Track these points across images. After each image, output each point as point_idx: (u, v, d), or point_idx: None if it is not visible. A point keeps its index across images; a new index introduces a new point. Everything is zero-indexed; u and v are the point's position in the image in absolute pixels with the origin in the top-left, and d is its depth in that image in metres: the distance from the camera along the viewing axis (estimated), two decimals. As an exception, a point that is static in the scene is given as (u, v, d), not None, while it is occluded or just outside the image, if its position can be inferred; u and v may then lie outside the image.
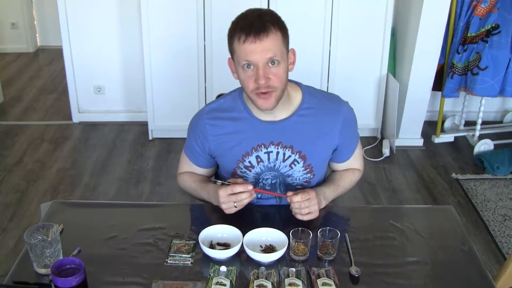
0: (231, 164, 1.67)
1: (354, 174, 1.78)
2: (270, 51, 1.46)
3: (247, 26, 1.46)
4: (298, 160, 1.65)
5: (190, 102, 3.69)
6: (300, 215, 1.56)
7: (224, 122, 1.65)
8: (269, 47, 1.46)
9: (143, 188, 3.23)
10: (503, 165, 3.41)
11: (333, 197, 1.70)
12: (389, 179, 3.38)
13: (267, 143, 1.63)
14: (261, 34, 1.44)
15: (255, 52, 1.45)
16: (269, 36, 1.45)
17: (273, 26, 1.47)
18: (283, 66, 1.51)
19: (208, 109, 1.69)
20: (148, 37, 3.52)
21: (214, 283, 1.31)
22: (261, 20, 1.47)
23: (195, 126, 1.70)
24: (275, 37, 1.47)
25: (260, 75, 1.47)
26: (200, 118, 1.68)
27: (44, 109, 4.36)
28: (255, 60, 1.47)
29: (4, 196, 3.10)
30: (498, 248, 2.70)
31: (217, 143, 1.66)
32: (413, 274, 1.40)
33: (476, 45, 3.39)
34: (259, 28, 1.45)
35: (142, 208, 1.85)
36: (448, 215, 1.69)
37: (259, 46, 1.45)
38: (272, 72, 1.49)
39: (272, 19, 1.49)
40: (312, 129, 1.63)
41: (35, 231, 1.38)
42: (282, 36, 1.49)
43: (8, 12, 5.65)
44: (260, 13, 1.50)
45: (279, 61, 1.49)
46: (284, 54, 1.51)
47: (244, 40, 1.45)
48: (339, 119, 1.65)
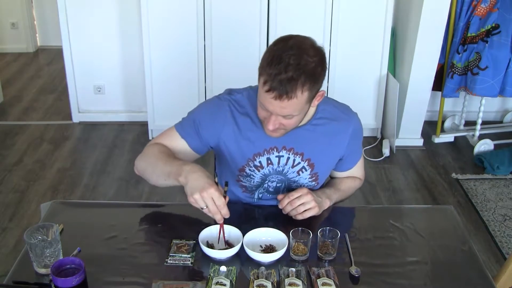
0: (241, 161, 1.64)
1: (354, 181, 1.79)
2: (287, 111, 1.42)
3: (275, 79, 1.36)
4: (306, 168, 1.65)
5: (190, 102, 3.66)
6: (299, 215, 1.55)
7: (243, 117, 1.61)
8: (288, 108, 1.41)
9: (143, 188, 3.23)
10: (503, 165, 3.41)
11: (336, 198, 1.70)
12: (389, 179, 3.38)
13: (279, 147, 1.62)
14: (283, 96, 1.37)
15: (273, 105, 1.41)
16: (292, 100, 1.38)
17: (301, 88, 1.37)
18: (300, 117, 1.49)
19: (230, 99, 1.62)
20: (148, 37, 3.52)
21: (214, 283, 1.31)
22: (290, 81, 1.35)
23: (214, 110, 1.62)
24: (297, 101, 1.39)
25: (270, 121, 1.46)
26: (222, 105, 1.61)
27: (44, 109, 4.36)
28: (271, 110, 1.43)
29: (4, 196, 3.10)
30: (498, 248, 2.70)
31: (232, 135, 1.61)
32: (413, 274, 1.40)
33: (476, 45, 3.39)
34: (284, 91, 1.36)
35: (142, 208, 1.84)
36: (448, 215, 1.69)
37: (279, 104, 1.39)
38: (285, 121, 1.47)
39: (306, 78, 1.37)
40: (323, 139, 1.63)
41: (35, 231, 1.38)
42: (309, 95, 1.41)
43: (8, 12, 5.65)
44: (295, 67, 1.36)
45: (297, 115, 1.46)
46: (305, 108, 1.47)
47: (267, 90, 1.38)
48: (348, 130, 1.65)
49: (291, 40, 1.41)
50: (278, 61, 1.36)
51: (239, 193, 1.73)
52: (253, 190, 1.71)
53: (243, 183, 1.69)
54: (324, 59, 1.43)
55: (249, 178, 1.67)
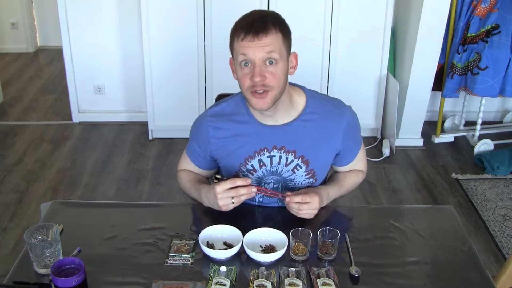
0: (233, 167, 1.67)
1: (358, 176, 1.78)
2: (267, 48, 1.45)
3: (247, 24, 1.46)
4: (300, 165, 1.64)
5: (190, 102, 3.69)
6: (296, 214, 1.57)
7: (227, 124, 1.64)
8: (267, 45, 1.45)
9: (143, 188, 3.23)
10: (503, 165, 3.41)
11: (335, 197, 1.70)
12: (389, 179, 3.38)
13: (270, 147, 1.62)
14: (260, 33, 1.44)
15: (253, 48, 1.45)
16: (268, 35, 1.45)
17: (273, 26, 1.47)
18: (281, 66, 1.49)
19: (211, 112, 1.67)
20: (148, 37, 3.52)
21: (214, 283, 1.31)
22: (262, 20, 1.47)
23: (197, 129, 1.70)
24: (274, 37, 1.46)
25: (256, 72, 1.46)
26: (202, 121, 1.68)
27: (44, 109, 4.36)
28: (252, 56, 1.46)
29: (4, 196, 3.10)
30: (498, 248, 2.70)
31: (220, 146, 1.65)
32: (413, 274, 1.40)
33: (476, 45, 3.39)
34: (259, 27, 1.45)
35: (142, 208, 1.85)
36: (448, 215, 1.69)
37: (257, 43, 1.45)
38: (269, 71, 1.47)
39: (274, 20, 1.49)
40: (315, 134, 1.62)
41: (35, 231, 1.38)
42: (282, 37, 1.49)
43: (8, 12, 5.65)
44: (262, 14, 1.51)
45: (277, 61, 1.47)
46: (283, 55, 1.50)
47: (243, 38, 1.45)
48: (342, 125, 1.64)
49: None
50: (246, 17, 1.51)
51: None
52: None
53: None
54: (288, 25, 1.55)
55: None
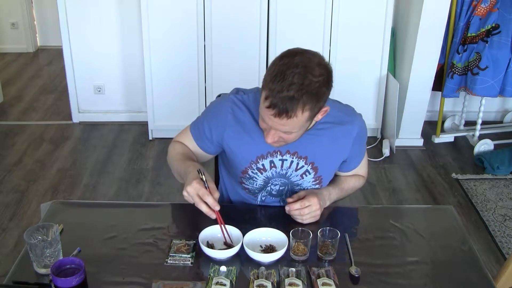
0: (243, 163, 1.64)
1: (358, 180, 1.79)
2: (285, 128, 1.41)
3: (276, 96, 1.34)
4: (309, 171, 1.64)
5: (190, 102, 3.69)
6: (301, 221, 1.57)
7: (247, 118, 1.60)
8: (287, 126, 1.40)
9: (143, 188, 3.23)
10: (503, 165, 3.41)
11: (335, 199, 1.70)
12: (389, 179, 3.38)
13: (283, 151, 1.61)
14: (283, 115, 1.35)
15: (273, 121, 1.39)
16: (291, 119, 1.36)
17: (302, 108, 1.35)
18: (300, 133, 1.48)
19: (234, 99, 1.61)
20: (148, 37, 3.52)
21: (214, 283, 1.31)
22: (291, 100, 1.33)
23: (216, 111, 1.63)
24: (297, 120, 1.37)
25: (269, 134, 1.45)
26: (224, 106, 1.61)
27: (44, 109, 4.36)
28: (270, 125, 1.42)
29: (4, 196, 3.10)
30: (498, 248, 2.70)
31: (234, 136, 1.61)
32: (413, 274, 1.40)
33: (476, 45, 3.39)
34: (283, 109, 1.34)
35: (142, 208, 1.85)
36: (448, 215, 1.69)
37: (278, 121, 1.38)
38: (284, 136, 1.45)
39: (309, 96, 1.34)
40: (327, 142, 1.62)
41: (35, 231, 1.38)
42: (309, 115, 1.39)
43: (8, 12, 5.65)
44: (298, 86, 1.33)
45: (296, 132, 1.45)
46: (305, 125, 1.45)
47: (268, 106, 1.36)
48: (352, 134, 1.64)
49: (297, 56, 1.37)
50: (282, 77, 1.33)
51: (244, 194, 1.73)
52: (255, 192, 1.70)
53: (245, 186, 1.69)
54: (330, 78, 1.41)
55: (252, 181, 1.66)
